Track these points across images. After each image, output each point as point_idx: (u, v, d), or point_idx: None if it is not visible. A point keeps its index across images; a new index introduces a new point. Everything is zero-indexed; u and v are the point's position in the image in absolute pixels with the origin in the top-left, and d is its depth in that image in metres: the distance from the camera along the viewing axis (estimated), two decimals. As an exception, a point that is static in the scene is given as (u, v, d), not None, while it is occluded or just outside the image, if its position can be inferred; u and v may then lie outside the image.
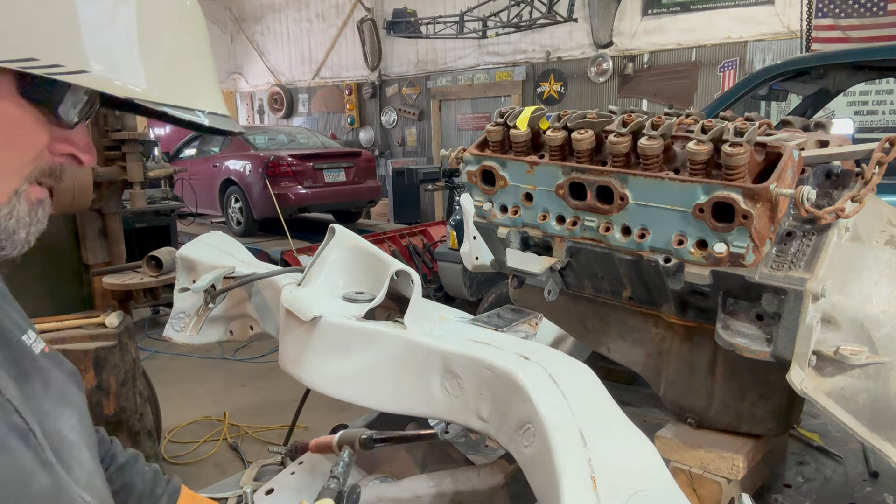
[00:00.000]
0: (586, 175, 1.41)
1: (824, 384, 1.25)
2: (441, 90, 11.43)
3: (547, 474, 0.97)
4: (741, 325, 1.33)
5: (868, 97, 7.46)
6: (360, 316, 1.39)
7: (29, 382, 0.82)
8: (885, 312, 1.24)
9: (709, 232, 1.28)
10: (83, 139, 0.77)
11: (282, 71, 13.68)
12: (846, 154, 1.40)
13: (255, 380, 5.09)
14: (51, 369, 0.89)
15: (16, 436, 0.73)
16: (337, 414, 2.28)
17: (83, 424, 0.88)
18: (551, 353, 1.27)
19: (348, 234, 1.58)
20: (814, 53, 6.19)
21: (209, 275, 1.73)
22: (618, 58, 9.22)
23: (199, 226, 8.80)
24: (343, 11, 12.31)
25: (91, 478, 0.83)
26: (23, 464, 0.72)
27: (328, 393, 1.39)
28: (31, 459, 0.73)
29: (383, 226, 9.28)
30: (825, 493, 1.64)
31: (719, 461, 1.45)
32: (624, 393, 2.11)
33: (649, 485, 0.95)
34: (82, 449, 0.84)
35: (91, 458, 0.86)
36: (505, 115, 1.54)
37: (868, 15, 6.85)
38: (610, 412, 1.12)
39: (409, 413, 1.36)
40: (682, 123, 1.38)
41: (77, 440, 0.84)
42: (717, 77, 8.48)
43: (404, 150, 12.15)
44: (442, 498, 1.32)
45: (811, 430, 1.89)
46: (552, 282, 1.56)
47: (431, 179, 7.56)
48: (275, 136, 10.09)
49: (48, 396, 0.84)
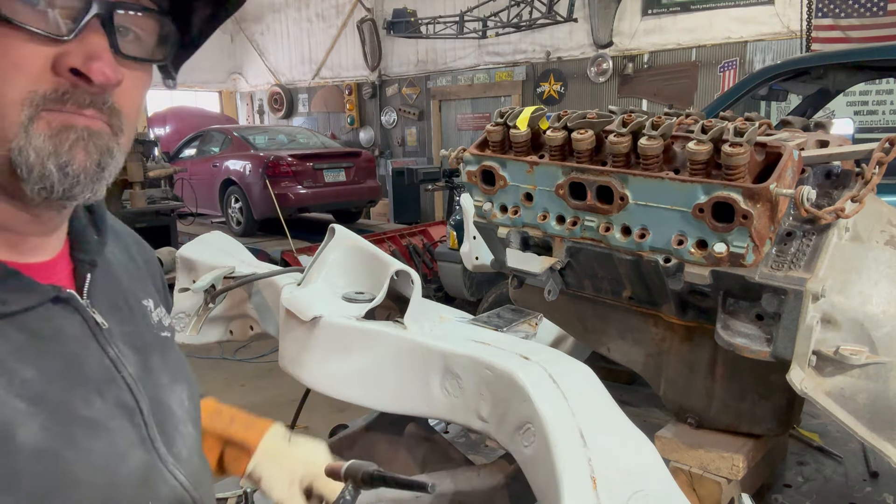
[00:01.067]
0: (586, 175, 1.41)
1: (824, 384, 1.25)
2: (441, 90, 11.43)
3: (547, 474, 0.98)
4: (741, 325, 1.33)
5: (868, 97, 7.46)
6: (360, 316, 1.39)
7: (151, 355, 0.82)
8: (885, 312, 1.24)
9: (709, 232, 1.28)
10: (86, 48, 0.65)
11: (282, 71, 13.67)
12: (846, 154, 1.40)
13: (255, 380, 5.09)
14: (171, 344, 0.90)
15: (120, 414, 0.73)
16: (337, 414, 2.27)
17: (192, 400, 0.89)
18: (551, 353, 1.27)
19: (348, 234, 1.58)
20: (814, 53, 6.19)
21: (209, 275, 1.73)
22: (618, 58, 9.21)
23: (199, 226, 8.80)
24: (343, 11, 12.31)
25: (192, 454, 0.84)
26: (117, 445, 0.72)
27: (328, 393, 1.40)
28: (129, 438, 0.73)
29: (383, 226, 9.29)
30: (825, 493, 1.64)
31: (719, 461, 1.45)
32: (624, 393, 2.11)
33: (649, 485, 0.95)
34: (187, 423, 0.85)
35: (194, 432, 0.87)
36: (505, 115, 1.54)
37: (868, 15, 6.85)
38: (610, 412, 1.12)
39: (410, 413, 1.36)
40: (682, 123, 1.38)
41: (183, 415, 0.85)
42: (717, 77, 8.47)
43: (404, 150, 12.15)
44: (442, 498, 1.32)
45: (811, 430, 1.89)
46: (552, 282, 1.56)
47: (431, 179, 7.56)
48: (275, 136, 10.09)
49: (166, 371, 0.84)
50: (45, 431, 0.65)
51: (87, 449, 0.68)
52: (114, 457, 0.71)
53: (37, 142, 0.65)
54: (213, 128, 10.60)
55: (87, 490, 0.67)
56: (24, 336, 0.68)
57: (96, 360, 0.74)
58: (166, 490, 0.77)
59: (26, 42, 0.63)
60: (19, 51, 0.63)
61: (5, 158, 0.65)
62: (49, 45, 0.64)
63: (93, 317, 0.75)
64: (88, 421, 0.69)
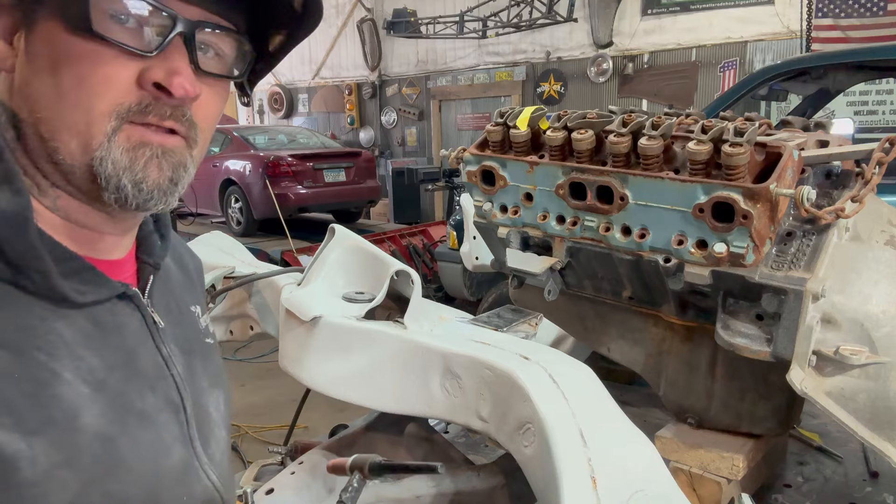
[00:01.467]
0: (586, 175, 1.41)
1: (824, 384, 1.25)
2: (441, 90, 11.43)
3: (547, 474, 0.98)
4: (741, 325, 1.33)
5: (868, 97, 7.46)
6: (360, 316, 1.39)
7: (194, 358, 0.88)
8: (885, 312, 1.24)
9: (709, 232, 1.28)
10: (169, 64, 0.70)
11: (282, 71, 13.66)
12: (846, 154, 1.40)
13: (255, 380, 5.09)
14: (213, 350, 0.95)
15: (169, 409, 0.78)
16: (337, 414, 2.27)
17: (227, 406, 0.94)
18: (551, 353, 1.27)
19: (348, 234, 1.58)
20: (814, 53, 6.19)
21: (209, 275, 1.73)
22: (618, 58, 9.21)
23: (199, 226, 8.81)
24: (343, 11, 12.31)
25: (223, 457, 0.88)
26: (163, 439, 0.76)
27: (328, 393, 1.40)
28: (173, 433, 0.78)
29: (383, 226, 9.29)
30: (825, 493, 1.64)
31: (719, 461, 1.45)
32: (624, 393, 2.11)
33: (649, 485, 0.95)
34: (221, 428, 0.90)
35: (226, 438, 0.91)
36: (505, 115, 1.54)
37: (868, 15, 6.85)
38: (610, 412, 1.12)
39: (410, 413, 1.36)
40: (682, 123, 1.38)
41: (218, 419, 0.89)
42: (717, 77, 8.47)
43: (404, 150, 12.15)
44: (442, 498, 1.32)
45: (811, 430, 1.89)
46: (552, 282, 1.56)
47: (431, 179, 7.56)
48: (275, 136, 10.08)
49: (205, 374, 0.89)
50: (103, 417, 0.69)
51: (139, 438, 0.72)
52: (160, 449, 0.75)
53: (115, 154, 0.70)
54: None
55: (135, 477, 0.71)
56: (92, 326, 0.72)
57: (151, 356, 0.79)
58: (199, 488, 0.80)
59: (116, 57, 0.68)
60: (109, 66, 0.68)
61: (89, 166, 0.70)
62: (136, 60, 0.69)
63: (151, 315, 0.80)
64: (141, 412, 0.74)
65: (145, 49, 0.69)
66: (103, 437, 0.68)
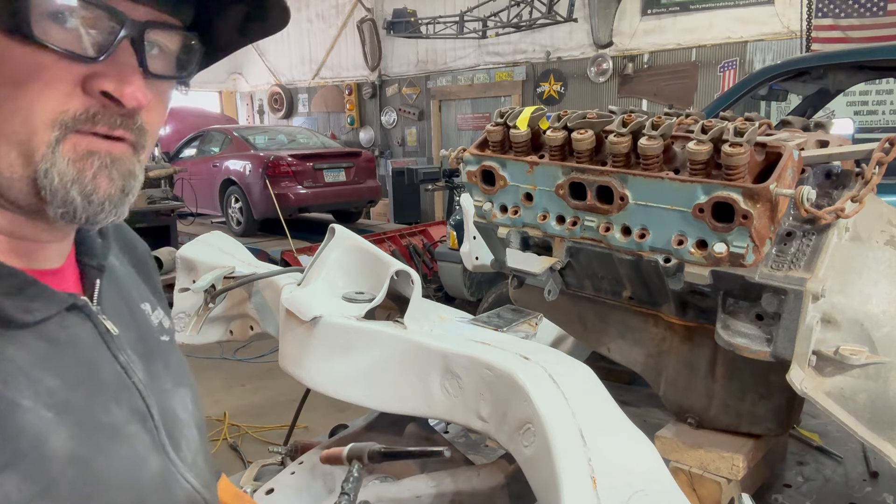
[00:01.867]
0: (586, 175, 1.41)
1: (824, 384, 1.25)
2: (441, 90, 11.43)
3: (547, 474, 0.98)
4: (741, 325, 1.33)
5: (868, 97, 7.46)
6: (360, 316, 1.39)
7: (153, 361, 0.82)
8: (885, 312, 1.24)
9: (709, 232, 1.28)
10: (117, 70, 0.65)
11: (282, 71, 13.67)
12: (846, 154, 1.40)
13: (255, 380, 5.09)
14: (171, 347, 0.89)
15: (136, 419, 0.74)
16: (337, 414, 2.28)
17: (195, 403, 0.89)
18: (551, 353, 1.27)
19: (348, 234, 1.58)
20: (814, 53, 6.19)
21: (209, 275, 1.73)
22: (618, 58, 9.21)
23: (199, 226, 8.80)
24: (343, 11, 12.31)
25: (196, 456, 0.84)
26: (137, 450, 0.72)
27: (328, 393, 1.40)
28: (146, 443, 0.74)
29: (383, 226, 9.28)
30: (825, 493, 1.64)
31: (719, 461, 1.45)
32: (624, 393, 2.11)
33: (649, 485, 0.95)
34: (192, 428, 0.85)
35: (198, 437, 0.87)
36: (505, 115, 1.54)
37: (868, 15, 6.85)
38: (610, 412, 1.12)
39: (410, 413, 1.36)
40: (682, 123, 1.38)
41: (188, 419, 0.85)
42: (717, 77, 8.47)
43: (404, 150, 12.15)
44: (442, 498, 1.32)
45: (811, 430, 1.89)
46: (552, 282, 1.56)
47: (431, 179, 7.56)
48: (275, 136, 10.08)
49: (168, 376, 0.84)
50: (73, 440, 0.65)
51: (113, 455, 0.69)
52: (137, 462, 0.72)
53: (61, 165, 0.64)
54: (213, 128, 10.59)
55: (117, 495, 0.68)
56: (44, 344, 0.67)
57: (109, 366, 0.74)
58: (181, 493, 0.78)
59: (57, 62, 0.63)
60: (49, 71, 0.62)
61: (31, 179, 0.64)
62: (79, 64, 0.64)
63: (103, 324, 0.75)
64: (110, 427, 0.70)
65: (91, 54, 0.64)
66: (77, 461, 0.65)
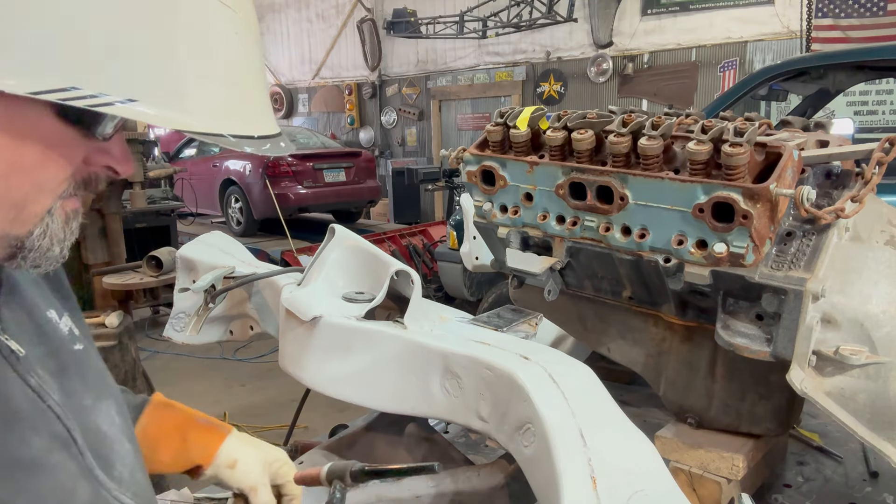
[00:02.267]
0: (586, 175, 1.41)
1: (824, 384, 1.25)
2: (441, 90, 11.43)
3: (547, 474, 0.97)
4: (741, 325, 1.33)
5: (868, 97, 7.46)
6: (360, 316, 1.39)
7: (68, 377, 0.76)
8: (885, 312, 1.24)
9: (709, 232, 1.28)
10: (119, 148, 0.70)
11: (282, 71, 13.67)
12: (846, 154, 1.40)
13: (255, 380, 5.09)
14: (87, 356, 0.83)
15: (58, 447, 0.69)
16: (337, 414, 2.28)
17: (121, 414, 0.83)
18: (551, 353, 1.27)
19: (348, 234, 1.58)
20: (814, 53, 6.19)
21: (209, 275, 1.73)
22: (618, 58, 9.22)
23: (199, 226, 8.80)
24: (343, 11, 12.31)
25: (133, 472, 0.80)
26: (62, 482, 0.68)
27: (328, 393, 1.40)
28: (72, 472, 0.70)
29: (383, 226, 9.29)
30: (825, 493, 1.64)
31: (719, 461, 1.45)
32: (624, 393, 2.11)
33: (649, 485, 0.95)
34: (123, 442, 0.80)
35: (132, 450, 0.82)
36: (505, 115, 1.54)
37: (868, 15, 6.85)
38: (610, 412, 1.12)
39: (410, 413, 1.36)
40: (682, 123, 1.38)
41: (116, 433, 0.80)
42: (717, 77, 8.47)
43: (404, 150, 12.15)
44: (442, 498, 1.32)
45: (811, 430, 1.89)
46: (552, 282, 1.56)
47: (431, 179, 7.56)
48: (275, 136, 10.07)
49: (88, 390, 0.78)
50: None
51: (37, 492, 0.65)
52: (64, 495, 0.68)
53: (55, 227, 0.66)
54: (213, 128, 10.57)
55: None
56: None
57: (20, 392, 0.68)
58: None
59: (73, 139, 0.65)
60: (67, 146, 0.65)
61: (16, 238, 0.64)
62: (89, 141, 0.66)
63: (6, 345, 0.68)
64: (30, 461, 0.66)
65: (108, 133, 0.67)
66: None
